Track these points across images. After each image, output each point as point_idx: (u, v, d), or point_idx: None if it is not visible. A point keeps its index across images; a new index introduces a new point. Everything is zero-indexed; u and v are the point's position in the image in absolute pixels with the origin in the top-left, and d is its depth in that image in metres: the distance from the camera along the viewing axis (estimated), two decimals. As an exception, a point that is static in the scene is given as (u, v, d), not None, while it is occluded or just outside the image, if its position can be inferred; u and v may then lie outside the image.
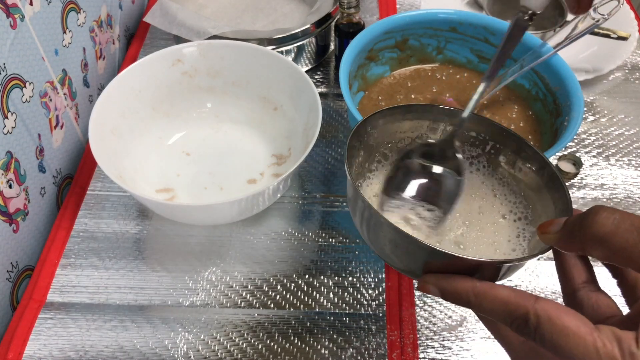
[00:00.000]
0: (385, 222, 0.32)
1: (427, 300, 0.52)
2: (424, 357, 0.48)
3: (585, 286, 0.31)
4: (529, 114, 0.57)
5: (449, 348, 0.49)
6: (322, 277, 0.53)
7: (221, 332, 0.50)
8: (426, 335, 0.50)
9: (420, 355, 0.48)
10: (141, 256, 0.55)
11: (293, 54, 0.68)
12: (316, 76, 0.72)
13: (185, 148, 0.61)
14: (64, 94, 0.60)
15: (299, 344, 0.49)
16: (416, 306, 0.51)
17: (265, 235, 0.56)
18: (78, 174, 0.61)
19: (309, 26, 0.67)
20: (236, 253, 0.55)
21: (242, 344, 0.49)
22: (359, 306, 0.51)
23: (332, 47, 0.73)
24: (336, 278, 0.53)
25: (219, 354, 0.48)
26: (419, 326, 0.50)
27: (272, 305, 0.51)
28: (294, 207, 0.58)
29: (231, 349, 0.49)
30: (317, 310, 0.51)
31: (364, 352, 0.48)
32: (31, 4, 0.52)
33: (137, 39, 0.76)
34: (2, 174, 0.49)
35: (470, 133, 0.42)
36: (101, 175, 0.61)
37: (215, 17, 0.74)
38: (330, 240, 0.56)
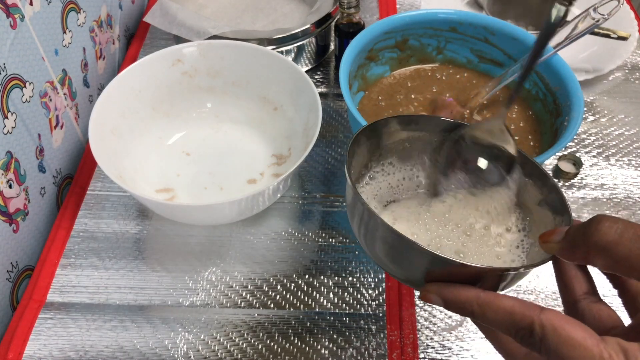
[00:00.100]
0: (385, 226, 0.32)
1: (427, 300, 0.52)
2: (424, 357, 0.48)
3: (586, 297, 0.31)
4: (529, 114, 0.57)
5: (449, 348, 0.49)
6: (322, 277, 0.53)
7: (221, 332, 0.50)
8: (426, 335, 0.50)
9: (420, 355, 0.48)
10: (141, 256, 0.55)
11: (293, 54, 0.68)
12: (316, 76, 0.72)
13: (185, 148, 0.61)
14: (64, 94, 0.60)
15: (299, 344, 0.49)
16: (416, 306, 0.51)
17: (265, 235, 0.56)
18: (78, 174, 0.61)
19: (309, 26, 0.67)
20: (236, 253, 0.55)
21: (242, 344, 0.49)
22: (359, 306, 0.51)
23: (332, 47, 0.73)
24: (336, 278, 0.53)
25: (219, 354, 0.48)
26: (419, 326, 0.50)
27: (272, 305, 0.51)
28: (294, 207, 0.58)
29: (231, 349, 0.49)
30: (317, 310, 0.51)
31: (364, 352, 0.48)
32: (31, 4, 0.52)
33: (137, 39, 0.76)
34: (2, 174, 0.49)
35: (471, 143, 0.42)
36: (101, 175, 0.61)
37: (215, 17, 0.74)
38: (330, 240, 0.56)
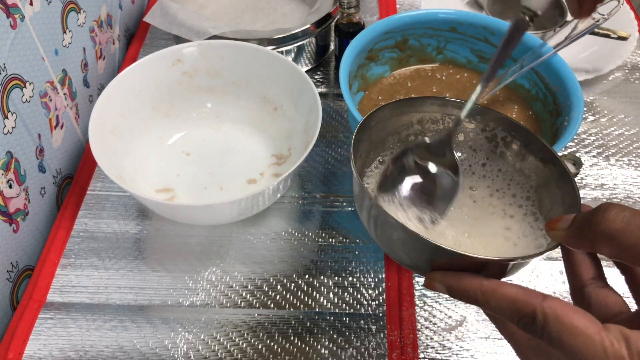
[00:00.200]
0: (393, 221, 0.32)
1: (427, 300, 0.52)
2: (424, 357, 0.48)
3: (593, 282, 0.31)
4: (529, 114, 0.57)
5: (449, 348, 0.49)
6: (322, 277, 0.53)
7: (221, 332, 0.50)
8: (426, 335, 0.50)
9: (420, 355, 0.48)
10: (141, 256, 0.55)
11: (293, 54, 0.68)
12: (316, 76, 0.72)
13: (185, 148, 0.61)
14: (64, 94, 0.60)
15: (299, 344, 0.49)
16: (416, 306, 0.51)
17: (265, 235, 0.56)
18: (78, 174, 0.61)
19: (309, 26, 0.67)
20: (236, 253, 0.55)
21: (242, 344, 0.49)
22: (359, 306, 0.51)
23: (332, 47, 0.73)
24: (336, 278, 0.53)
25: (219, 354, 0.48)
26: (419, 326, 0.50)
27: (272, 305, 0.51)
28: (294, 207, 0.58)
29: (231, 349, 0.49)
30: (317, 310, 0.51)
31: (364, 352, 0.48)
32: (31, 4, 0.52)
33: (137, 39, 0.76)
34: (2, 174, 0.49)
35: (478, 126, 0.42)
36: (101, 175, 0.61)
37: (215, 17, 0.74)
38: (330, 240, 0.56)
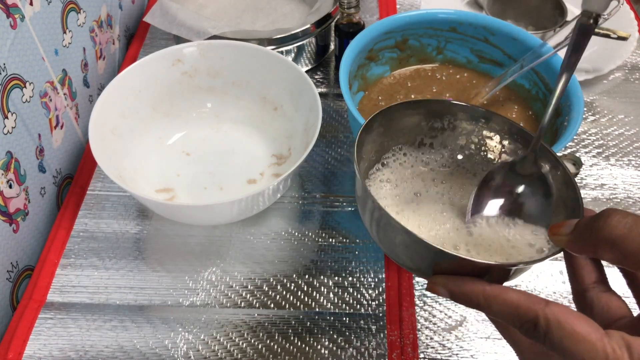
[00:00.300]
0: (396, 224, 0.32)
1: (427, 300, 0.52)
2: (424, 357, 0.48)
3: (595, 286, 0.31)
4: (529, 114, 0.57)
5: (449, 348, 0.49)
6: (322, 277, 0.53)
7: (221, 332, 0.50)
8: (426, 335, 0.50)
9: (420, 355, 0.48)
10: (141, 256, 0.55)
11: (293, 54, 0.68)
12: (316, 76, 0.72)
13: (185, 148, 0.61)
14: (64, 94, 0.60)
15: (299, 344, 0.49)
16: (416, 306, 0.51)
17: (265, 235, 0.56)
18: (78, 174, 0.61)
19: (309, 26, 0.67)
20: (236, 253, 0.55)
21: (242, 344, 0.49)
22: (359, 306, 0.51)
23: (332, 47, 0.73)
24: (336, 278, 0.53)
25: (219, 354, 0.48)
26: (419, 326, 0.50)
27: (272, 305, 0.51)
28: (294, 207, 0.58)
29: (231, 349, 0.49)
30: (317, 310, 0.51)
31: (364, 352, 0.48)
32: (31, 4, 0.52)
33: (137, 39, 0.76)
34: (2, 174, 0.49)
35: (481, 129, 0.42)
36: (101, 175, 0.61)
37: (215, 17, 0.74)
38: (330, 240, 0.56)
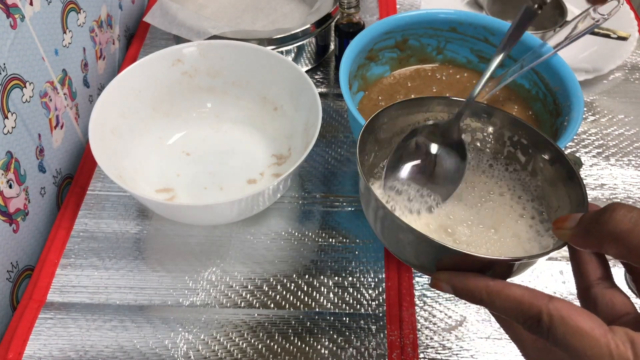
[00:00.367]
0: (400, 223, 0.32)
1: (427, 301, 0.52)
2: (424, 357, 0.48)
3: (600, 282, 0.30)
4: (529, 114, 0.57)
5: (449, 348, 0.49)
6: (322, 277, 0.53)
7: (221, 332, 0.50)
8: (426, 335, 0.50)
9: (420, 355, 0.48)
10: (141, 256, 0.55)
11: (293, 54, 0.68)
12: (316, 76, 0.72)
13: (185, 148, 0.61)
14: (64, 94, 0.60)
15: (299, 344, 0.49)
16: (416, 306, 0.51)
17: (265, 235, 0.56)
18: (78, 174, 0.61)
19: (309, 26, 0.67)
20: (236, 253, 0.55)
21: (242, 344, 0.49)
22: (359, 306, 0.51)
23: (332, 47, 0.73)
24: (336, 278, 0.53)
25: (219, 354, 0.48)
26: (419, 326, 0.50)
27: (272, 305, 0.51)
28: (294, 207, 0.58)
29: (231, 349, 0.49)
30: (317, 310, 0.51)
31: (364, 352, 0.48)
32: (31, 4, 0.52)
33: (137, 39, 0.76)
34: (2, 174, 0.49)
35: (485, 125, 0.42)
36: (101, 175, 0.61)
37: (215, 17, 0.74)
38: (330, 240, 0.56)
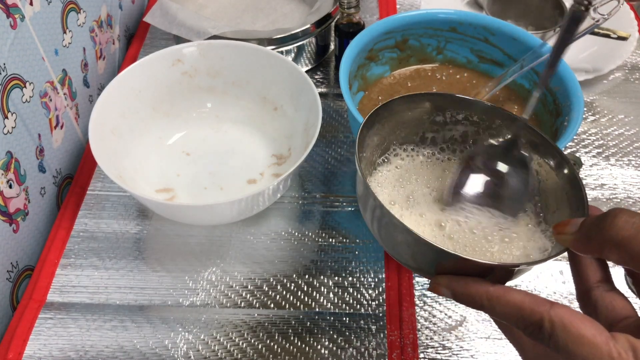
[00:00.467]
0: (398, 223, 0.32)
1: (427, 301, 0.52)
2: (424, 357, 0.48)
3: (599, 285, 0.30)
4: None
5: (449, 348, 0.49)
6: (322, 277, 0.53)
7: (221, 332, 0.50)
8: (426, 335, 0.50)
9: (420, 355, 0.48)
10: (141, 256, 0.55)
11: (293, 54, 0.68)
12: (316, 76, 0.72)
13: (185, 148, 0.61)
14: (64, 94, 0.60)
15: (299, 344, 0.49)
16: (416, 306, 0.51)
17: (265, 235, 0.56)
18: (78, 174, 0.61)
19: (309, 26, 0.67)
20: (236, 253, 0.55)
21: (242, 344, 0.49)
22: (359, 306, 0.51)
23: (332, 47, 0.73)
24: (336, 278, 0.53)
25: (219, 354, 0.48)
26: (419, 326, 0.50)
27: (272, 305, 0.51)
28: (294, 207, 0.58)
29: (231, 349, 0.49)
30: (317, 310, 0.51)
31: (364, 352, 0.48)
32: (31, 4, 0.52)
33: (137, 39, 0.76)
34: (2, 174, 0.49)
35: (485, 124, 0.42)
36: (101, 175, 0.61)
37: (215, 17, 0.74)
38: (330, 240, 0.56)
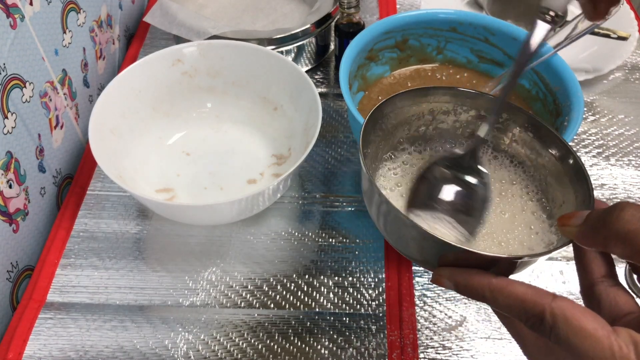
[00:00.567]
0: (403, 218, 0.32)
1: (427, 301, 0.52)
2: (424, 357, 0.48)
3: (603, 280, 0.30)
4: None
5: (449, 348, 0.49)
6: (322, 277, 0.53)
7: (221, 332, 0.50)
8: (426, 335, 0.50)
9: (420, 355, 0.48)
10: (141, 256, 0.55)
11: (293, 54, 0.68)
12: (316, 76, 0.72)
13: (185, 148, 0.61)
14: (64, 94, 0.60)
15: (299, 344, 0.49)
16: (416, 306, 0.51)
17: (265, 235, 0.56)
18: (78, 174, 0.61)
19: (309, 26, 0.67)
20: (236, 253, 0.55)
21: (242, 344, 0.49)
22: (359, 306, 0.51)
23: (332, 47, 0.73)
24: (336, 278, 0.53)
25: (219, 354, 0.48)
26: (419, 326, 0.50)
27: (272, 305, 0.51)
28: (294, 207, 0.58)
29: (231, 349, 0.49)
30: (317, 310, 0.51)
31: (364, 352, 0.48)
32: (31, 4, 0.52)
33: (137, 39, 0.76)
34: (2, 174, 0.49)
35: (498, 120, 0.41)
36: (101, 175, 0.61)
37: (215, 17, 0.74)
38: (330, 240, 0.56)
